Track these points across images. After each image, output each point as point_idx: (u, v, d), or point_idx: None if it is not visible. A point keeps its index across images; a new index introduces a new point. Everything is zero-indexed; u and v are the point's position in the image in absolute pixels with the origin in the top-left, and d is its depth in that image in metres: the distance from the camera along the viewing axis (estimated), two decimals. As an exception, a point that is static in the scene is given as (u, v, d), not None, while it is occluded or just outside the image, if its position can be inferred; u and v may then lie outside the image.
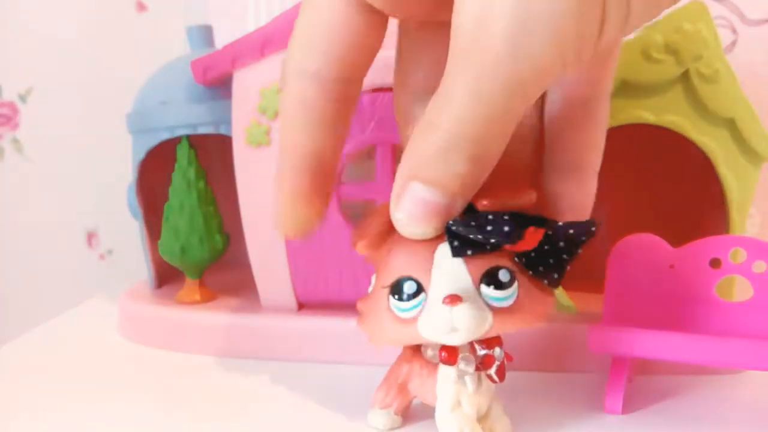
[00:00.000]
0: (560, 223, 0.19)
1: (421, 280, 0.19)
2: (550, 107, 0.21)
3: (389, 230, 0.19)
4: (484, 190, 0.18)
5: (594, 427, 0.23)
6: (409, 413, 0.24)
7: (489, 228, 0.18)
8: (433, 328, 0.19)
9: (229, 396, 0.27)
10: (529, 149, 0.22)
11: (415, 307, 0.19)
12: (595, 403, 0.25)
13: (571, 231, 0.19)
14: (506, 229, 0.18)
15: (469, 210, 0.19)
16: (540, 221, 0.19)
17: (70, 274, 0.63)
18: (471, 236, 0.18)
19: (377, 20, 0.18)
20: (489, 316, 0.19)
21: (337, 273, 0.31)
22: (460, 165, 0.17)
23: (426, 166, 0.17)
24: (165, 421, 0.25)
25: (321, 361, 0.31)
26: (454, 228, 0.18)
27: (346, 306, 0.31)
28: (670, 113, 0.27)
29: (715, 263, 0.25)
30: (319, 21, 0.18)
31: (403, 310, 0.19)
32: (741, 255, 0.24)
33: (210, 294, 0.36)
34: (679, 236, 0.26)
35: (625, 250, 0.26)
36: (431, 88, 0.20)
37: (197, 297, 0.35)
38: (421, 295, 0.19)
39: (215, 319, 0.33)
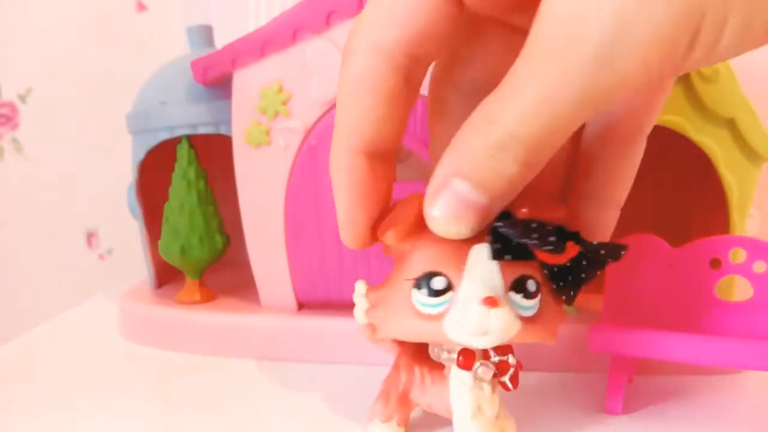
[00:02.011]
0: (595, 242, 0.19)
1: (451, 278, 0.18)
2: (589, 137, 0.21)
3: (418, 222, 0.19)
4: (520, 199, 0.18)
5: (594, 427, 0.23)
6: (409, 423, 0.23)
7: (535, 235, 0.18)
8: (462, 328, 0.18)
9: (229, 396, 0.27)
10: (561, 167, 0.21)
11: (441, 304, 0.18)
12: (595, 403, 0.25)
13: (603, 252, 0.19)
14: (552, 239, 0.18)
15: (505, 216, 0.18)
16: (577, 237, 0.19)
17: (70, 274, 0.63)
18: (520, 239, 0.18)
19: (454, 7, 0.18)
20: (518, 323, 0.18)
21: (337, 273, 0.31)
22: (510, 166, 0.16)
23: (474, 163, 0.17)
24: (165, 421, 0.25)
25: (321, 361, 0.31)
26: (503, 230, 0.18)
27: (346, 306, 0.31)
28: (670, 113, 0.27)
29: (715, 263, 0.25)
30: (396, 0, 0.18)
31: (428, 306, 0.18)
32: (741, 255, 0.24)
33: (210, 294, 0.36)
34: (679, 236, 0.26)
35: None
36: (478, 84, 0.20)
37: (197, 297, 0.35)
38: (449, 293, 0.18)
39: (215, 319, 0.33)
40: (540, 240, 0.18)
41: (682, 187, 0.34)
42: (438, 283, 0.18)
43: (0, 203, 0.61)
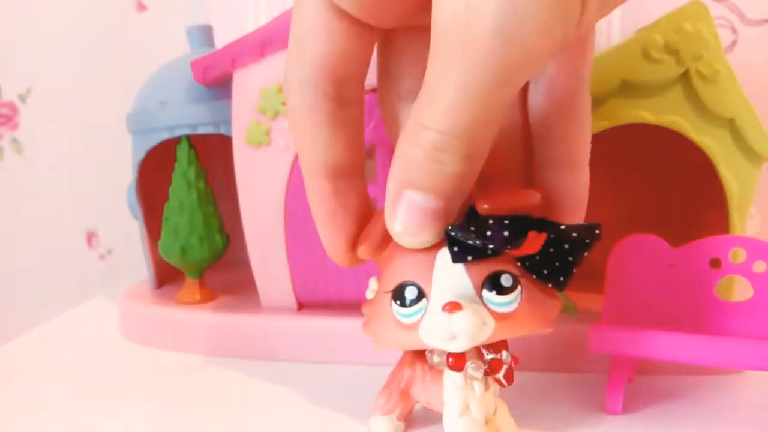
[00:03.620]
0: (563, 226, 0.19)
1: (422, 286, 0.19)
2: (534, 103, 0.21)
3: (389, 234, 0.19)
4: (485, 193, 0.18)
5: (594, 427, 0.23)
6: (411, 418, 0.24)
7: (489, 233, 0.18)
8: (432, 335, 0.18)
9: (229, 396, 0.27)
10: (516, 147, 0.22)
11: (416, 313, 0.19)
12: (595, 404, 0.25)
13: (574, 234, 0.19)
14: (506, 234, 0.18)
15: (471, 213, 0.19)
16: (542, 224, 0.18)
17: (70, 275, 0.63)
18: (470, 242, 0.18)
19: (355, 24, 0.19)
20: (491, 322, 0.18)
21: (337, 273, 0.31)
22: (453, 165, 0.17)
23: (417, 172, 0.17)
24: (165, 421, 0.25)
25: (321, 361, 0.31)
26: (453, 234, 0.18)
27: (346, 306, 0.31)
28: (670, 113, 0.27)
29: (715, 263, 0.25)
30: (304, 31, 0.19)
31: (405, 316, 0.19)
32: (741, 255, 0.24)
33: (210, 294, 0.36)
34: (679, 236, 0.26)
35: (625, 250, 0.26)
36: (415, 91, 0.20)
37: (197, 297, 0.35)
38: (423, 301, 0.19)
39: (215, 319, 0.33)
40: (493, 239, 0.18)
41: (682, 187, 0.34)
42: (410, 293, 0.19)
43: (0, 203, 0.61)
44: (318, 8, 0.18)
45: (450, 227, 0.18)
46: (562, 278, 0.20)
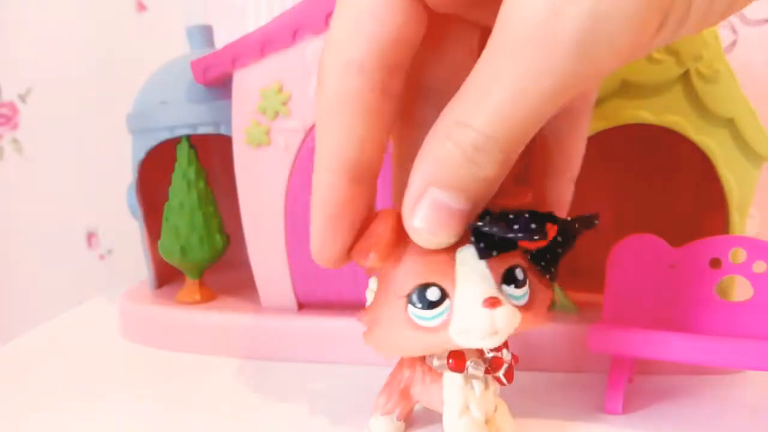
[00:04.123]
0: (568, 218, 0.19)
1: (444, 286, 0.18)
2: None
3: (398, 238, 0.19)
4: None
5: (594, 427, 0.23)
6: (411, 418, 0.24)
7: (516, 227, 0.17)
8: (471, 333, 0.18)
9: (229, 396, 0.27)
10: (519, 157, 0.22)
11: (439, 314, 0.18)
12: (595, 403, 0.25)
13: (577, 225, 0.19)
14: (533, 226, 0.17)
15: (483, 213, 0.18)
16: (550, 217, 0.19)
17: (70, 275, 0.63)
18: (503, 235, 0.18)
19: (419, 7, 0.18)
20: (519, 315, 0.18)
21: (337, 273, 0.31)
22: (488, 168, 0.16)
23: (450, 170, 0.16)
24: (165, 421, 0.25)
25: (321, 361, 0.31)
26: (485, 229, 0.17)
27: (345, 306, 0.31)
28: (670, 113, 0.27)
29: (715, 263, 0.25)
30: (360, 11, 0.17)
31: (428, 318, 0.18)
32: (741, 255, 0.24)
33: (210, 294, 0.36)
34: (679, 236, 0.26)
35: (625, 250, 0.26)
36: (440, 89, 0.20)
37: (197, 297, 0.35)
38: (446, 302, 0.18)
39: (215, 319, 0.33)
40: (522, 230, 0.17)
41: (682, 187, 0.34)
42: (432, 294, 0.18)
43: (0, 203, 0.61)
44: None
45: (479, 223, 0.18)
46: (553, 269, 0.20)
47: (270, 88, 0.30)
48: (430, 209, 0.17)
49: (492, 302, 0.18)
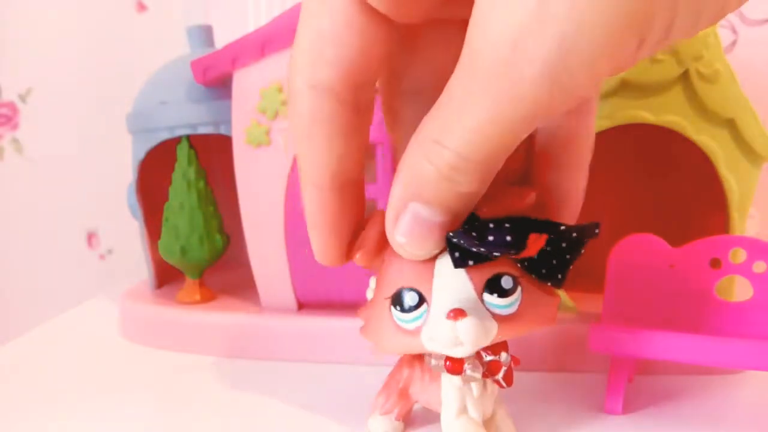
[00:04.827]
0: (563, 227, 0.18)
1: (422, 291, 0.19)
2: None
3: (387, 240, 0.19)
4: (485, 197, 0.18)
5: (594, 427, 0.23)
6: (410, 418, 0.24)
7: (491, 238, 0.17)
8: (437, 341, 0.18)
9: (229, 396, 0.27)
10: (521, 154, 0.21)
11: (417, 318, 0.19)
12: (595, 403, 0.25)
13: (575, 234, 0.19)
14: (508, 239, 0.17)
15: (470, 216, 0.18)
16: (542, 225, 0.18)
17: (70, 275, 0.63)
18: (471, 249, 0.18)
19: (383, 23, 0.18)
20: (494, 326, 0.18)
21: (337, 273, 0.31)
22: (467, 185, 0.16)
23: (428, 187, 0.16)
24: (165, 421, 0.25)
25: (320, 361, 0.31)
26: (455, 240, 0.18)
27: (345, 306, 0.31)
28: (670, 113, 0.27)
29: (715, 263, 0.25)
30: (322, 30, 0.17)
31: (406, 321, 0.19)
32: (741, 255, 0.24)
33: (210, 294, 0.36)
34: (679, 236, 0.26)
35: (625, 250, 0.26)
36: (422, 89, 0.20)
37: (197, 297, 0.35)
38: (423, 306, 0.19)
39: (215, 319, 0.33)
40: (495, 244, 0.17)
41: (682, 187, 0.34)
42: (411, 298, 0.19)
43: (0, 203, 0.61)
44: (342, 5, 0.17)
45: (451, 233, 0.18)
46: (560, 276, 0.20)
47: (270, 88, 0.30)
48: (411, 223, 0.17)
49: (456, 313, 0.18)
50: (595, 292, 0.29)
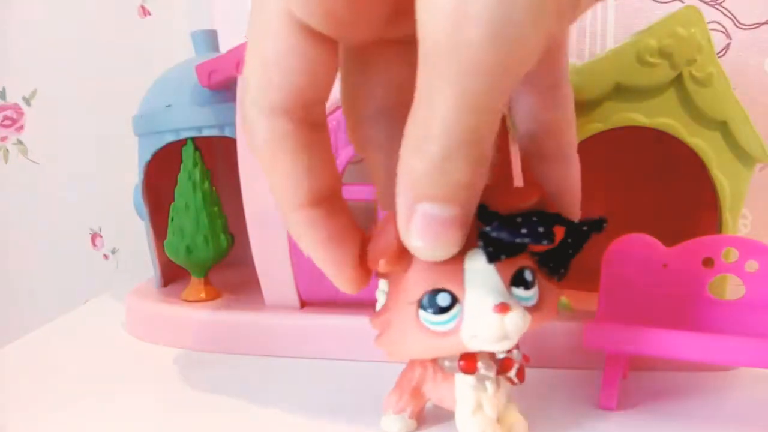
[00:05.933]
0: (575, 221, 0.19)
1: (454, 291, 0.18)
2: (517, 98, 0.21)
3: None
4: (493, 194, 0.18)
5: (588, 422, 0.24)
6: (422, 417, 0.24)
7: (524, 230, 0.18)
8: (482, 338, 0.18)
9: (234, 392, 0.28)
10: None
11: (450, 319, 0.18)
12: (590, 399, 0.25)
13: (585, 228, 0.19)
14: (540, 229, 0.18)
15: (483, 214, 0.18)
16: (557, 219, 0.19)
17: (75, 275, 0.63)
18: (512, 240, 0.18)
19: (327, 43, 0.17)
20: (528, 317, 0.18)
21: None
22: (462, 171, 0.16)
23: (426, 184, 0.16)
24: (171, 418, 0.25)
25: (324, 358, 0.31)
26: (493, 234, 0.18)
27: (348, 304, 0.32)
28: (663, 116, 0.28)
29: (707, 262, 0.25)
30: (266, 57, 0.17)
31: (440, 324, 0.18)
32: (733, 254, 0.25)
33: (215, 292, 0.36)
34: (672, 236, 0.26)
35: (619, 250, 0.26)
36: (389, 107, 0.20)
37: (202, 295, 0.36)
38: (456, 307, 0.18)
39: (220, 317, 0.33)
40: (530, 235, 0.18)
41: (675, 188, 0.34)
42: (443, 299, 0.18)
43: (5, 205, 0.62)
44: (283, 30, 0.17)
45: (488, 228, 0.18)
46: (563, 270, 0.20)
47: (274, 92, 0.30)
48: (422, 224, 0.17)
49: (503, 307, 0.18)
50: (589, 290, 0.29)
